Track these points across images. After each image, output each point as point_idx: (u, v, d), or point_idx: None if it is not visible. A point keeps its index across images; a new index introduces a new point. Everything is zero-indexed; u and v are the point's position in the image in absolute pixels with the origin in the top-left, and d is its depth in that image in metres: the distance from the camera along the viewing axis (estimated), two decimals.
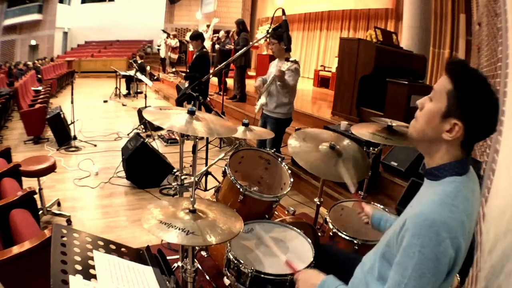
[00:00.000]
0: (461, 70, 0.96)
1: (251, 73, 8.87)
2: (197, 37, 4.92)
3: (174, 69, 11.47)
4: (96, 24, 16.82)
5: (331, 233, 1.91)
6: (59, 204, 3.17)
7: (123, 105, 8.28)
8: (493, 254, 1.21)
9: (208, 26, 9.71)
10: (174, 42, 11.69)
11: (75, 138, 4.91)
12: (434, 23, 6.28)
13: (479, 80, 0.94)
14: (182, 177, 1.91)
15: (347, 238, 1.83)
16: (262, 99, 3.26)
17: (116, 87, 9.38)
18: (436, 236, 0.88)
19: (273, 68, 3.28)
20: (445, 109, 0.95)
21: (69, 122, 5.00)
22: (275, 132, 2.70)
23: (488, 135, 0.99)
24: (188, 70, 4.91)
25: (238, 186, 1.85)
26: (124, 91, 9.47)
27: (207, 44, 7.82)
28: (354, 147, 2.11)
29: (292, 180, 2.03)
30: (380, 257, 1.08)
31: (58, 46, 16.42)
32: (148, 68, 10.32)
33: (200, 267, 2.19)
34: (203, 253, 2.24)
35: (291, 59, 3.03)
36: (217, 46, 7.17)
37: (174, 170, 2.00)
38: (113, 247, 1.16)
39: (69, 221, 2.91)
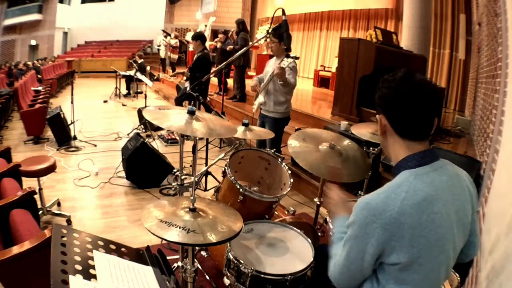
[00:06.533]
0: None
1: (251, 73, 8.87)
2: (198, 37, 4.91)
3: (175, 72, 11.44)
4: (96, 24, 16.83)
5: (331, 233, 1.91)
6: (59, 204, 3.17)
7: (123, 105, 8.28)
8: (494, 255, 1.21)
9: (206, 26, 9.72)
10: (174, 42, 11.69)
11: (75, 138, 4.91)
12: (434, 23, 6.29)
13: (385, 77, 1.05)
14: (182, 177, 1.91)
15: None
16: (260, 98, 3.25)
17: (116, 87, 9.38)
18: (364, 217, 0.96)
19: (270, 67, 3.25)
20: (376, 113, 1.10)
21: (69, 122, 4.99)
22: (274, 132, 2.70)
23: (417, 114, 0.98)
24: (189, 72, 4.89)
25: (238, 186, 1.85)
26: (124, 91, 9.47)
27: (207, 45, 7.78)
28: (354, 147, 2.11)
29: (292, 180, 2.03)
30: None
31: (58, 46, 16.43)
32: (148, 68, 10.31)
33: (200, 267, 2.19)
34: (203, 253, 2.24)
35: (292, 55, 2.99)
36: (219, 45, 7.11)
37: (174, 170, 2.00)
38: (113, 247, 1.16)
39: (69, 221, 2.91)
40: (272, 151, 2.22)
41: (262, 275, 1.43)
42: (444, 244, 0.96)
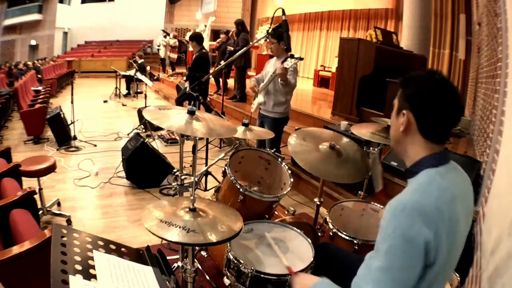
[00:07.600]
0: (407, 75, 1.09)
1: (251, 73, 8.87)
2: (195, 38, 4.91)
3: (173, 72, 11.42)
4: (96, 24, 16.84)
5: (331, 233, 1.91)
6: (59, 204, 3.17)
7: (123, 105, 8.28)
8: (496, 255, 1.21)
9: (206, 26, 9.71)
10: (173, 42, 11.69)
11: (75, 138, 4.91)
12: (434, 23, 6.29)
13: (420, 73, 1.06)
14: (182, 177, 1.91)
15: (347, 238, 1.83)
16: (260, 98, 3.25)
17: (116, 87, 9.38)
18: (408, 218, 0.90)
19: (271, 67, 3.25)
20: (397, 107, 1.09)
21: (69, 122, 4.99)
22: (273, 132, 2.70)
23: (446, 119, 1.00)
24: (187, 72, 4.90)
25: (238, 186, 1.85)
26: (124, 91, 9.47)
27: (207, 44, 7.77)
28: (354, 147, 2.11)
29: (292, 180, 2.03)
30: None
31: (58, 46, 16.43)
32: (148, 68, 10.30)
33: (200, 267, 2.19)
34: (203, 253, 2.24)
35: (296, 56, 2.95)
36: (228, 48, 6.98)
37: (174, 170, 2.00)
38: (113, 247, 1.16)
39: (69, 221, 2.90)
40: (272, 151, 2.22)
41: (262, 275, 1.43)
42: (460, 242, 0.99)
